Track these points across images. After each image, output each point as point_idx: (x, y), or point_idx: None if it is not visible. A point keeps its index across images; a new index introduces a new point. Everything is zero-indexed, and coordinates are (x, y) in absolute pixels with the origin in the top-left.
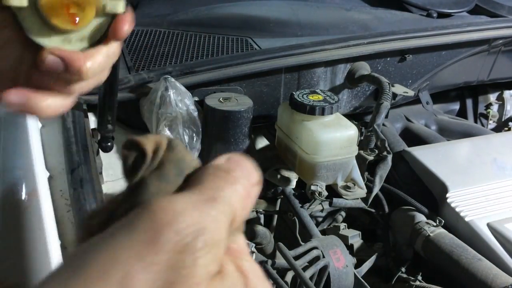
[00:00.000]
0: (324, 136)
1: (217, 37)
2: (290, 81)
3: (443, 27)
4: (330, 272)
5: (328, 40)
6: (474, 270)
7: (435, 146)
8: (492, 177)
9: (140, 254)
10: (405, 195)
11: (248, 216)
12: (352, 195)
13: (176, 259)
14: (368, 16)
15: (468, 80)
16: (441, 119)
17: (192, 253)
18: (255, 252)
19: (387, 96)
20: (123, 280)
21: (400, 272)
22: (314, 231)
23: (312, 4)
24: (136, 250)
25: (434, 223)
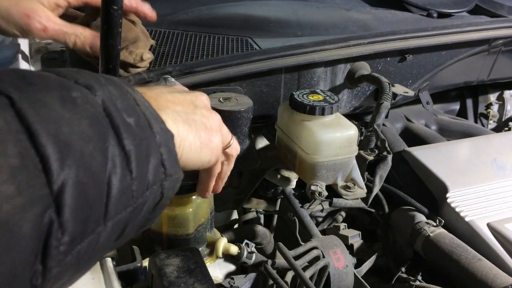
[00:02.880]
0: (324, 136)
1: (217, 37)
2: (290, 81)
3: (443, 27)
4: (330, 272)
5: (328, 40)
6: (474, 270)
7: (435, 146)
8: (492, 177)
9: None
10: (405, 195)
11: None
12: (352, 195)
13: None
14: (368, 16)
15: (468, 80)
16: (441, 119)
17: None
18: (255, 252)
19: (387, 96)
20: (169, 86)
21: (400, 272)
22: (314, 231)
23: (312, 4)
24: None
25: (434, 223)
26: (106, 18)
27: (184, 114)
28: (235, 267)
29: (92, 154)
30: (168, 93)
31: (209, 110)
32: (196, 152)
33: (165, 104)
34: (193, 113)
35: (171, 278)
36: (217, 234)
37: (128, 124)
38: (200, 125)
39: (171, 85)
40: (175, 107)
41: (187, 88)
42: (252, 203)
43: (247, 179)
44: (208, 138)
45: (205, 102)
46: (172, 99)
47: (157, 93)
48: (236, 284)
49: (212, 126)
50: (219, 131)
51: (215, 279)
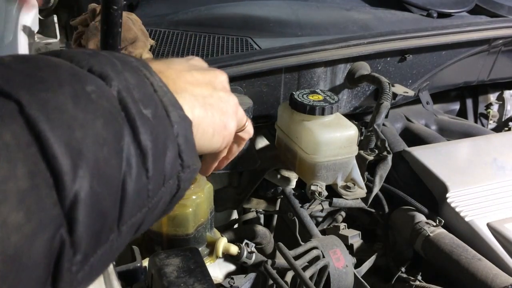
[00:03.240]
0: (324, 136)
1: (217, 37)
2: (290, 81)
3: (443, 27)
4: (330, 272)
5: (328, 40)
6: (474, 270)
7: (435, 146)
8: (492, 177)
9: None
10: (405, 195)
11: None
12: (352, 195)
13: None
14: (368, 16)
15: (468, 80)
16: (441, 119)
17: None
18: (255, 252)
19: (387, 96)
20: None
21: (400, 272)
22: (314, 231)
23: (312, 4)
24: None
25: (434, 223)
26: (106, 18)
27: (201, 98)
28: (235, 267)
29: (106, 159)
30: (187, 72)
31: (227, 92)
32: (207, 139)
33: (183, 86)
34: (210, 96)
35: (171, 278)
36: (217, 234)
37: (144, 117)
38: (217, 110)
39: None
40: (194, 89)
41: (206, 64)
42: (252, 203)
43: (247, 179)
44: (222, 124)
45: (224, 83)
46: (191, 80)
47: (176, 73)
48: (236, 284)
49: (228, 110)
50: (235, 116)
51: (215, 279)
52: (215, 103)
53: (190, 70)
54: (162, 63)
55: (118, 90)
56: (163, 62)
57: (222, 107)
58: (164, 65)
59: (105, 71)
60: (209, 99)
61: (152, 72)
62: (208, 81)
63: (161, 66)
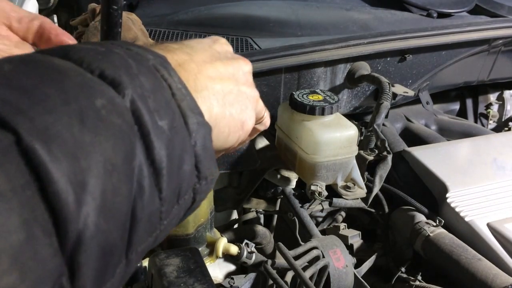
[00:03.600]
0: (324, 136)
1: None
2: (290, 81)
3: (443, 27)
4: (330, 272)
5: (328, 40)
6: (474, 270)
7: (435, 146)
8: (492, 177)
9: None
10: (405, 195)
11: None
12: (352, 195)
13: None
14: (368, 16)
15: (468, 80)
16: (441, 119)
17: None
18: (255, 252)
19: (387, 96)
20: (213, 41)
21: (400, 272)
22: (314, 231)
23: (312, 4)
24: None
25: (434, 223)
26: (106, 18)
27: (221, 96)
28: (235, 267)
29: (115, 188)
30: (210, 64)
31: (249, 85)
32: (222, 139)
33: (204, 83)
34: (231, 92)
35: (171, 278)
36: (217, 234)
37: (160, 129)
38: (236, 108)
39: (213, 43)
40: (215, 85)
41: (230, 47)
42: (252, 203)
43: (247, 179)
44: (240, 123)
45: (247, 75)
46: (213, 75)
47: (198, 66)
48: (236, 284)
49: (248, 106)
50: (254, 112)
51: (215, 279)
52: (235, 100)
53: (213, 61)
54: (184, 52)
55: (131, 100)
56: (185, 49)
57: (242, 104)
58: (186, 55)
59: (118, 77)
60: (229, 96)
61: (171, 71)
62: (231, 74)
63: (183, 56)
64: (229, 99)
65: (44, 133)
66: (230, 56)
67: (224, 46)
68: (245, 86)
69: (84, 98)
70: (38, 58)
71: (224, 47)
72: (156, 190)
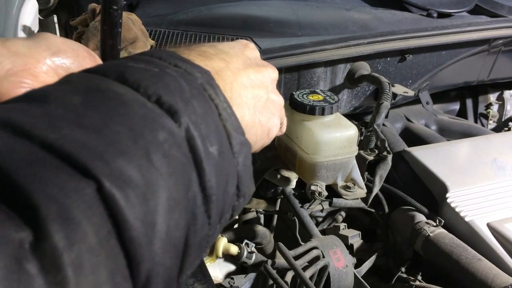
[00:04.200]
0: (324, 136)
1: (217, 37)
2: (290, 81)
3: (443, 27)
4: (330, 272)
5: (328, 40)
6: (474, 270)
7: (435, 146)
8: (492, 177)
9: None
10: (405, 195)
11: None
12: (352, 195)
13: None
14: (368, 16)
15: (468, 80)
16: (441, 119)
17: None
18: (255, 252)
19: (387, 96)
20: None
21: (400, 272)
22: (314, 231)
23: (312, 4)
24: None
25: (434, 223)
26: (106, 18)
27: (252, 104)
28: (235, 267)
29: (176, 224)
30: (243, 71)
31: (277, 93)
32: None
33: (238, 91)
34: (260, 100)
35: None
36: None
37: (211, 156)
38: (264, 116)
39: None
40: (247, 94)
41: (258, 53)
42: (252, 203)
43: None
44: (266, 131)
45: (275, 82)
46: (247, 83)
47: (233, 75)
48: (236, 284)
49: (275, 114)
50: (279, 119)
51: (215, 279)
52: (264, 108)
53: (246, 68)
54: (221, 59)
55: (186, 128)
56: (221, 55)
57: (270, 112)
58: (223, 62)
59: (174, 104)
60: (259, 104)
61: (217, 90)
62: (261, 82)
63: (220, 64)
64: (259, 107)
65: (119, 178)
66: (260, 63)
67: (254, 52)
68: (273, 93)
69: (148, 133)
70: (101, 86)
71: (254, 52)
72: (206, 217)
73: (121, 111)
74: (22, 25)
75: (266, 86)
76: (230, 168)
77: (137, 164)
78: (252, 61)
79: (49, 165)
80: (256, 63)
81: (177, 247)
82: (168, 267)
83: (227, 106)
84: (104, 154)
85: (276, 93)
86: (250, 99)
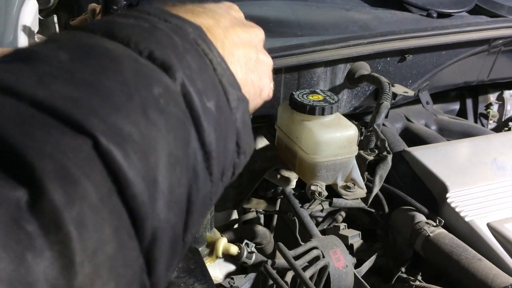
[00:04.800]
0: (324, 136)
1: None
2: (290, 81)
3: (443, 27)
4: (330, 272)
5: (328, 40)
6: (474, 270)
7: (435, 146)
8: (492, 177)
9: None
10: (405, 195)
11: None
12: (352, 195)
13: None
14: (368, 16)
15: (468, 80)
16: (441, 119)
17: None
18: (255, 252)
19: (387, 96)
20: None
21: (400, 272)
22: (314, 231)
23: (312, 4)
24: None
25: (434, 223)
26: None
27: (244, 62)
28: (235, 267)
29: (178, 180)
30: (232, 29)
31: (265, 53)
32: None
33: (230, 49)
34: (250, 59)
35: (171, 278)
36: (217, 234)
37: (208, 111)
38: (255, 75)
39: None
40: (238, 51)
41: (242, 13)
42: (252, 203)
43: (247, 179)
44: (258, 91)
45: (262, 42)
46: (237, 41)
47: (223, 32)
48: (236, 284)
49: (265, 74)
50: (270, 80)
51: (215, 279)
52: (254, 67)
53: (234, 26)
54: (209, 16)
55: (182, 83)
56: (209, 13)
57: (260, 72)
58: (212, 19)
59: (168, 59)
60: (250, 63)
61: (210, 45)
62: (250, 41)
63: (209, 21)
64: (250, 65)
65: (117, 135)
66: (246, 23)
67: (239, 13)
68: (262, 53)
69: (143, 88)
70: (90, 42)
71: (239, 13)
72: (208, 174)
73: (113, 66)
74: (22, 25)
75: (255, 46)
76: (229, 124)
77: (134, 120)
78: (239, 21)
79: (40, 123)
80: (242, 23)
81: (180, 204)
82: (173, 224)
83: (222, 61)
84: (99, 110)
85: (265, 53)
86: (242, 58)
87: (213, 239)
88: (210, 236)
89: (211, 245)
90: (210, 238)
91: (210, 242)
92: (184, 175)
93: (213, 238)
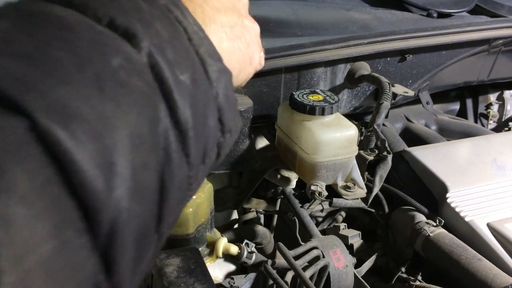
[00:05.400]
0: (324, 136)
1: None
2: (290, 81)
3: (443, 27)
4: (330, 272)
5: (328, 40)
6: (474, 270)
7: (435, 146)
8: (492, 177)
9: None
10: (405, 195)
11: None
12: (352, 195)
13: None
14: (368, 16)
15: (468, 80)
16: (441, 119)
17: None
18: (255, 252)
19: (387, 96)
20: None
21: (400, 272)
22: (314, 231)
23: (312, 4)
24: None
25: (434, 223)
26: None
27: (229, 28)
28: (235, 267)
29: (144, 162)
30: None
31: (251, 19)
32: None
33: (211, 15)
34: (236, 25)
35: (171, 278)
36: (217, 234)
37: (182, 85)
38: (243, 42)
39: None
40: (221, 17)
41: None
42: (252, 203)
43: (247, 179)
44: (248, 58)
45: (246, 7)
46: (218, 6)
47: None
48: (236, 284)
49: (253, 40)
50: (259, 47)
51: (215, 279)
52: (241, 34)
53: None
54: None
55: (148, 53)
56: None
57: (247, 38)
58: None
59: (132, 26)
60: (236, 29)
61: (184, 11)
62: (233, 6)
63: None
64: (236, 32)
65: (61, 112)
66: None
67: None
68: (247, 19)
69: (98, 59)
70: (37, 9)
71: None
72: (183, 155)
73: (62, 35)
74: None
75: (239, 10)
76: (209, 99)
77: (84, 95)
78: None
79: None
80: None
81: (149, 191)
82: (138, 214)
83: (198, 29)
84: (39, 84)
85: (250, 19)
86: (226, 24)
87: (213, 239)
88: (210, 236)
89: (211, 245)
90: (210, 238)
91: (210, 242)
92: (152, 157)
93: (213, 238)
